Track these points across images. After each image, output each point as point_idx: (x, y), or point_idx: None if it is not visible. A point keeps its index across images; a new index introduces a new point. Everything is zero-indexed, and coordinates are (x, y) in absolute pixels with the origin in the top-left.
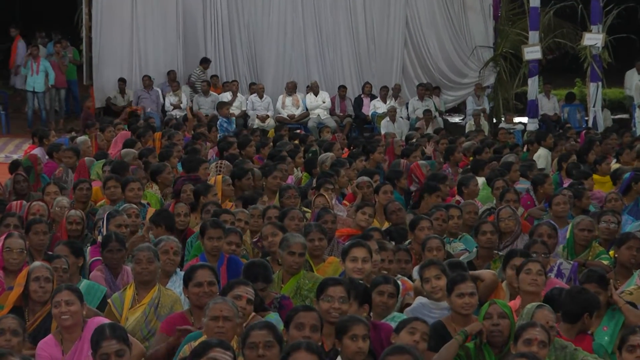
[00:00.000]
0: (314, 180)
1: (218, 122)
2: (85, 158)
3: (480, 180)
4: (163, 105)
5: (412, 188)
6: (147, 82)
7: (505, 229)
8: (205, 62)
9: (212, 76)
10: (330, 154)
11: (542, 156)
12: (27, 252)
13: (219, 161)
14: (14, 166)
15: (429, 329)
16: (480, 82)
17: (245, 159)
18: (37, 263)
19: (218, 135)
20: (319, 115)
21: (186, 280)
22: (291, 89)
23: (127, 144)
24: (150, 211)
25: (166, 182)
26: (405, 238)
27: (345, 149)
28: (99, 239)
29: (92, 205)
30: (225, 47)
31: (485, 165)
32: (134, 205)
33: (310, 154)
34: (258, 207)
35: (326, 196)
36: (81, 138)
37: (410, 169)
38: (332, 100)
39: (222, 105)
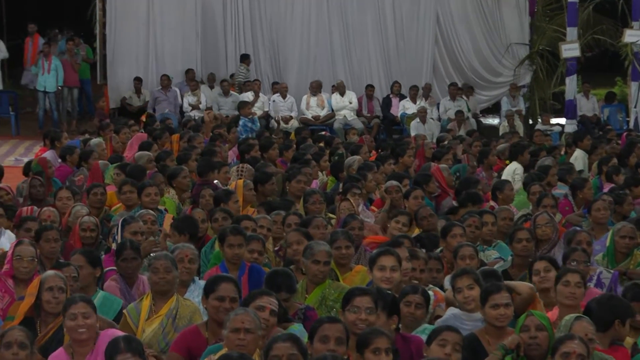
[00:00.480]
0: (340, 185)
1: (241, 123)
2: (100, 161)
3: (518, 185)
4: (181, 106)
5: (435, 192)
6: (166, 81)
7: (542, 236)
8: (245, 58)
9: (231, 75)
10: (357, 157)
11: (578, 158)
12: (38, 260)
13: (240, 165)
14: (28, 168)
15: (461, 338)
16: (515, 81)
17: (268, 163)
18: (50, 272)
19: (240, 136)
20: (345, 116)
21: (207, 291)
22: (316, 89)
23: (143, 147)
24: (168, 217)
25: (182, 187)
26: (436, 246)
27: (373, 152)
28: (114, 246)
29: (107, 210)
30: (246, 44)
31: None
32: (151, 212)
33: (336, 157)
34: (280, 213)
35: (352, 201)
36: (95, 140)
37: (432, 172)
38: (359, 100)
39: (243, 105)
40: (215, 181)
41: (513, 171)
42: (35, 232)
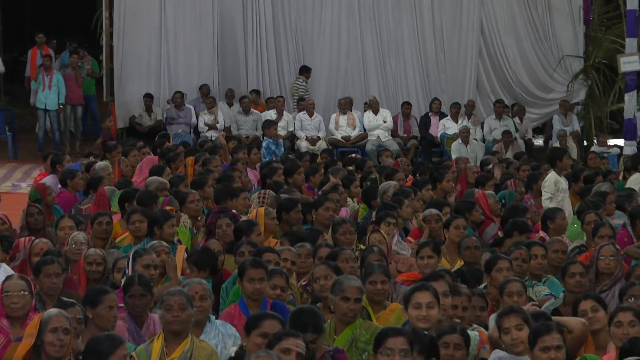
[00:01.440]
0: (373, 214)
1: (264, 144)
2: (105, 187)
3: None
4: (196, 126)
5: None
6: (179, 100)
7: (605, 269)
8: (306, 71)
9: (251, 91)
10: (392, 183)
11: (635, 181)
12: (33, 294)
13: (263, 191)
14: None
15: None
16: (568, 98)
17: (293, 188)
18: (53, 311)
19: (262, 159)
20: (378, 136)
21: (250, 327)
22: (346, 106)
23: (155, 171)
24: (180, 249)
25: (191, 213)
26: (480, 281)
27: (410, 177)
28: (123, 281)
29: (112, 242)
30: (269, 57)
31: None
32: (164, 242)
33: (368, 183)
34: (305, 245)
35: (385, 231)
36: (101, 164)
37: (475, 199)
38: (394, 119)
39: (269, 125)
40: (234, 211)
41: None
42: (34, 265)
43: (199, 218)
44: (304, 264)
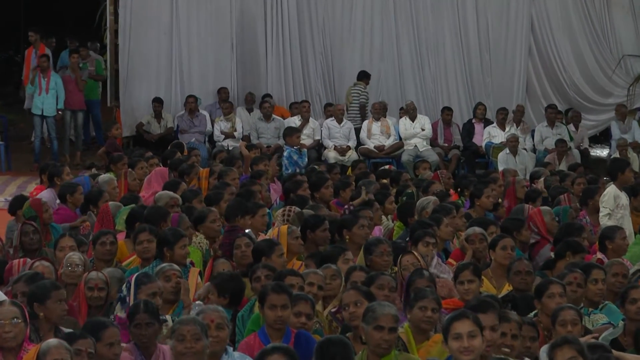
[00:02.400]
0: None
1: (285, 154)
2: (110, 202)
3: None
4: (211, 134)
5: (531, 240)
6: (192, 105)
7: None
8: (365, 77)
9: (264, 95)
10: (431, 198)
11: None
12: (28, 322)
13: (288, 207)
14: (17, 204)
15: None
16: (628, 103)
17: (320, 204)
18: (53, 341)
19: (285, 171)
20: (416, 146)
21: None
22: (380, 112)
23: (169, 186)
24: (194, 272)
25: (211, 234)
26: (530, 308)
27: (452, 192)
28: (119, 313)
29: (118, 264)
30: (293, 58)
31: None
32: (175, 266)
33: (404, 198)
34: (331, 266)
35: (422, 252)
36: (104, 176)
37: (529, 216)
38: (434, 126)
39: (291, 132)
40: (248, 231)
41: None
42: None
43: (217, 239)
44: (329, 286)
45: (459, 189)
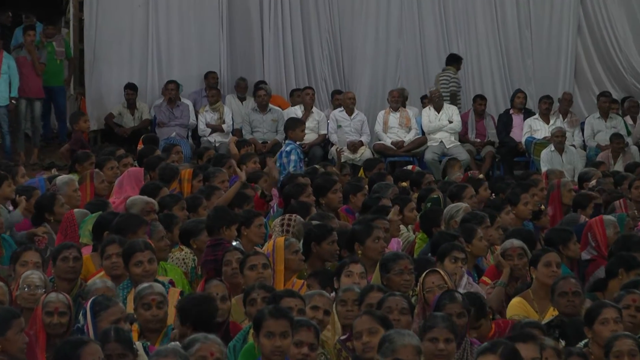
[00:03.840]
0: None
1: (287, 149)
2: (75, 210)
3: None
4: (195, 127)
5: (585, 256)
6: (173, 92)
7: None
8: (455, 61)
9: (259, 83)
10: (462, 205)
11: None
12: None
13: (288, 215)
14: None
15: None
16: None
17: (326, 212)
18: None
19: (282, 172)
20: (442, 142)
21: None
22: (398, 101)
23: (148, 191)
24: (173, 293)
25: (203, 248)
26: (580, 336)
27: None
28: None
29: (83, 284)
30: (294, 36)
31: None
32: (157, 285)
33: (428, 204)
34: (353, 289)
35: (443, 273)
36: (64, 177)
37: (587, 226)
38: (464, 118)
39: (294, 125)
40: (235, 242)
41: None
42: None
43: None
44: (350, 313)
45: (493, 194)
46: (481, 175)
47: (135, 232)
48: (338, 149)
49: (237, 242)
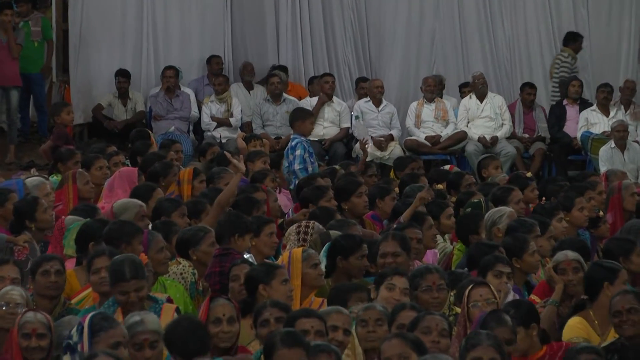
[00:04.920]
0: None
1: (292, 144)
2: (67, 217)
3: None
4: (198, 119)
5: None
6: (171, 80)
7: None
8: (571, 40)
9: (273, 68)
10: (505, 210)
11: None
12: None
13: (305, 223)
14: None
15: None
16: None
17: (350, 219)
18: None
19: (291, 173)
20: (484, 136)
21: None
22: (433, 90)
23: (139, 193)
24: (167, 310)
25: (203, 260)
26: None
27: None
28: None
29: (67, 302)
30: (313, 15)
31: None
32: (150, 319)
33: (468, 210)
34: (375, 307)
35: (492, 287)
36: (34, 179)
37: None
38: (511, 110)
39: (302, 115)
40: (247, 255)
41: None
42: None
43: None
44: (373, 334)
45: (544, 198)
46: (529, 174)
47: (129, 242)
48: (364, 140)
49: (249, 255)
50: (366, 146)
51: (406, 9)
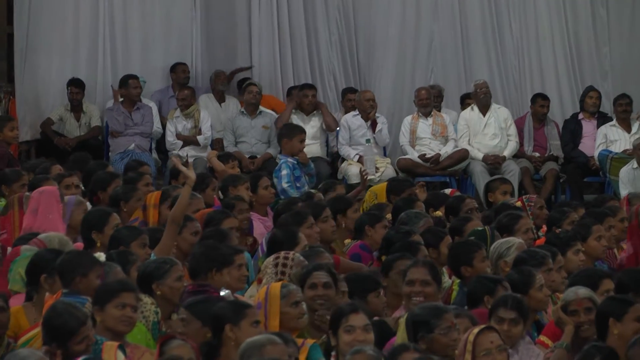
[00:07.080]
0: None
1: (282, 165)
2: (22, 247)
3: None
4: (162, 136)
5: None
6: (134, 90)
7: None
8: None
9: (240, 81)
10: (514, 241)
11: None
12: None
13: (284, 253)
14: None
15: None
16: None
17: (319, 248)
18: None
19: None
20: (491, 155)
21: None
22: (427, 103)
23: (91, 218)
24: (109, 348)
25: (171, 296)
26: None
27: (544, 228)
28: None
29: (11, 343)
30: (292, 17)
31: None
32: None
33: (472, 238)
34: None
35: (500, 331)
36: None
37: None
38: (519, 124)
39: (289, 133)
40: (224, 292)
41: None
42: None
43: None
44: None
45: (555, 227)
46: (538, 199)
47: (85, 275)
48: (363, 171)
49: (227, 291)
50: (367, 175)
51: (400, 9)
